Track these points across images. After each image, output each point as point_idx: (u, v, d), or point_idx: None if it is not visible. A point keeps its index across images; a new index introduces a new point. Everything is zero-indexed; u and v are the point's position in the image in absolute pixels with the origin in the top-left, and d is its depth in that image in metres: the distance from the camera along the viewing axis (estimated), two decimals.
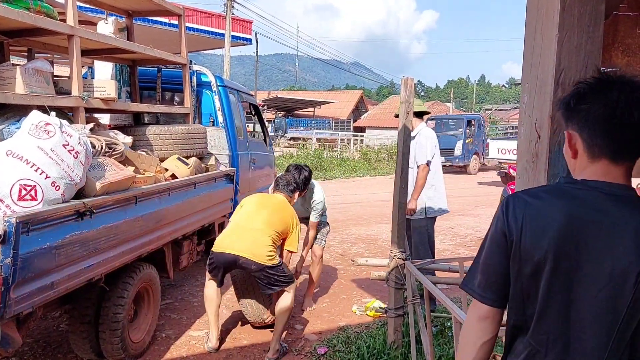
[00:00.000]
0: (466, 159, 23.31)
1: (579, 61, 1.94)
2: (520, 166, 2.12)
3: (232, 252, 4.03)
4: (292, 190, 4.57)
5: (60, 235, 2.79)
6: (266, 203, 4.39)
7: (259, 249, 4.01)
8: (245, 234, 4.10)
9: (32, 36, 3.98)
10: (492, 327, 1.48)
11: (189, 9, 15.08)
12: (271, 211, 4.27)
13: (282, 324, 4.10)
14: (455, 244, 8.53)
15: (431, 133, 5.12)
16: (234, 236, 4.13)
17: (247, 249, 4.01)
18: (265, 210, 4.26)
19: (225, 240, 4.13)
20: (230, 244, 4.07)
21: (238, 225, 4.21)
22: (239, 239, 4.08)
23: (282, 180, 4.61)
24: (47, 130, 2.85)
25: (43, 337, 4.27)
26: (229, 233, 4.20)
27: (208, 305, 4.21)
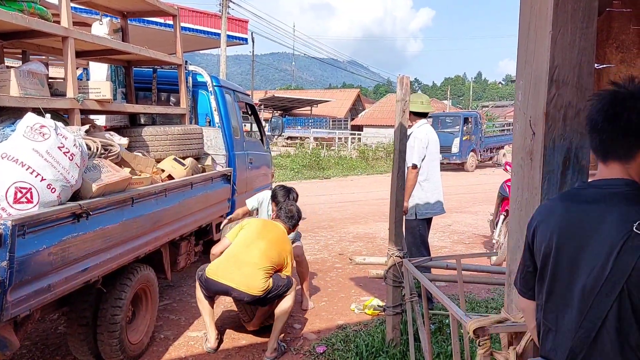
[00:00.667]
0: (463, 156, 23.34)
1: (573, 58, 1.94)
2: (516, 163, 2.12)
3: (226, 283, 4.01)
4: (293, 225, 4.56)
5: (57, 238, 2.79)
6: (267, 234, 4.27)
7: (253, 282, 3.98)
8: (241, 267, 4.04)
9: (26, 38, 3.98)
10: (531, 317, 1.69)
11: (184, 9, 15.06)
12: (270, 243, 4.20)
13: (281, 324, 4.10)
14: (453, 241, 8.54)
15: (423, 133, 5.02)
16: (230, 266, 4.07)
17: (241, 281, 3.98)
18: (264, 242, 4.18)
19: (221, 268, 4.09)
20: (225, 274, 4.03)
21: (235, 256, 4.13)
22: (234, 270, 4.03)
23: (285, 211, 4.52)
24: (42, 133, 2.84)
25: (41, 340, 4.26)
26: (225, 262, 4.12)
27: (202, 307, 4.23)
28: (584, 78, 1.95)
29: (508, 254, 2.17)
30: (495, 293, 5.64)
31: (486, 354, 2.02)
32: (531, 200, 2.01)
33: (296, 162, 21.19)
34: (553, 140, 1.94)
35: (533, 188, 2.01)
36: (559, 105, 1.93)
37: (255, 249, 4.13)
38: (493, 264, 6.59)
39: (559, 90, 1.93)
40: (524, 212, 2.03)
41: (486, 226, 8.95)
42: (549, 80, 1.93)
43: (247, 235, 4.25)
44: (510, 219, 2.17)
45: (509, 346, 2.03)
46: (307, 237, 8.50)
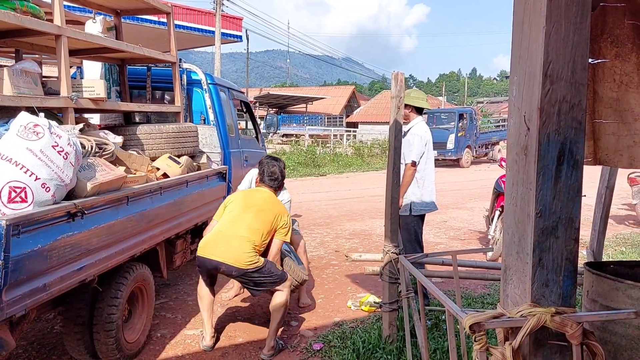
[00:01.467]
0: (459, 152, 23.39)
1: (567, 53, 1.94)
2: (510, 159, 2.12)
3: (213, 258, 3.98)
4: (278, 187, 4.44)
5: (52, 237, 2.78)
6: (251, 203, 4.22)
7: (239, 255, 3.94)
8: (228, 241, 4.00)
9: (19, 37, 3.96)
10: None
11: (178, 7, 15.01)
12: (256, 212, 4.13)
13: (277, 322, 4.09)
14: (449, 238, 8.55)
15: (422, 131, 5.03)
16: (216, 242, 4.03)
17: (228, 255, 3.95)
18: (249, 214, 4.13)
19: (209, 245, 4.05)
20: (212, 250, 4.00)
21: (221, 232, 4.09)
22: (220, 245, 4.00)
23: (267, 173, 4.37)
24: (35, 132, 2.83)
25: (37, 339, 4.25)
26: (212, 239, 4.09)
27: (201, 303, 4.21)
28: (578, 73, 1.95)
29: (503, 249, 2.17)
30: (491, 288, 5.66)
31: (482, 349, 2.02)
32: (526, 196, 2.01)
33: (292, 160, 21.18)
34: (547, 136, 1.95)
35: (528, 183, 2.01)
36: (553, 100, 1.94)
37: (241, 222, 4.08)
38: (489, 259, 6.61)
39: (553, 85, 1.93)
40: (519, 207, 2.03)
41: (482, 222, 8.97)
42: (543, 75, 1.93)
43: (232, 210, 4.19)
44: (505, 214, 2.17)
45: (505, 341, 2.03)
46: (304, 235, 8.48)
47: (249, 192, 4.50)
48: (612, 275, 2.36)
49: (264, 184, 4.39)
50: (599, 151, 2.72)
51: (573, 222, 1.93)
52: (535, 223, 1.91)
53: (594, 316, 2.05)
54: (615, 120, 2.65)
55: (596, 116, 2.66)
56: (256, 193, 4.37)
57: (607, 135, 2.69)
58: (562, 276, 1.93)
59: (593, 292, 2.39)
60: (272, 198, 4.33)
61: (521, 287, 1.98)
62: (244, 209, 4.17)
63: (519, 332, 1.97)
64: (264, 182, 4.39)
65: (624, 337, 2.19)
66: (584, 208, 2.05)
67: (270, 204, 4.24)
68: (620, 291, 2.22)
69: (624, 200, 11.81)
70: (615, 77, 2.57)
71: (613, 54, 2.54)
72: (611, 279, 2.28)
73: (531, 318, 1.87)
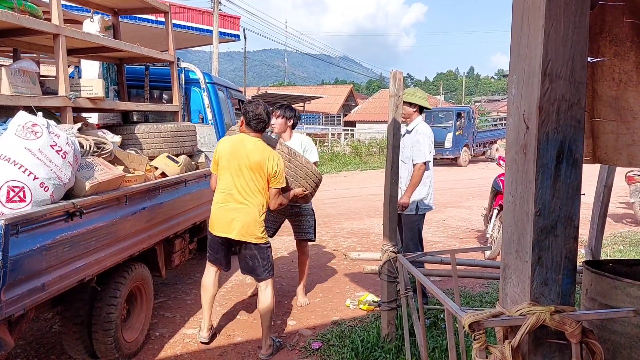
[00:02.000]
0: (456, 151, 23.40)
1: (566, 51, 1.94)
2: (510, 157, 2.12)
3: (224, 235, 4.01)
4: (263, 129, 4.11)
5: (50, 237, 2.77)
6: (242, 162, 3.96)
7: (248, 229, 3.95)
8: (232, 214, 3.96)
9: (17, 36, 3.95)
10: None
11: (176, 6, 14.99)
12: (250, 171, 3.95)
13: (267, 321, 4.06)
14: (447, 236, 8.56)
15: (429, 130, 5.03)
16: (222, 217, 4.00)
17: (237, 230, 3.96)
18: (242, 176, 3.96)
19: (216, 222, 4.03)
20: (221, 227, 4.00)
21: (222, 206, 4.00)
22: (227, 219, 3.97)
23: (253, 117, 4.00)
24: (34, 131, 2.83)
25: (36, 339, 4.24)
26: (217, 213, 4.03)
27: (205, 294, 4.19)
28: (577, 72, 1.96)
29: (502, 248, 2.17)
30: (490, 287, 5.67)
31: (482, 348, 2.03)
32: (525, 194, 2.01)
33: None
34: (547, 134, 1.95)
35: (527, 182, 2.01)
36: (553, 99, 1.94)
37: (238, 191, 3.97)
38: (487, 258, 6.62)
39: (552, 84, 1.94)
40: (518, 206, 2.04)
41: (480, 221, 8.98)
42: (542, 74, 1.93)
43: (226, 181, 4.01)
44: (504, 212, 2.17)
45: (505, 340, 2.03)
46: None
47: (234, 146, 4.03)
48: (611, 273, 2.36)
49: (250, 128, 4.04)
50: (598, 150, 2.72)
51: (572, 221, 1.94)
52: (535, 222, 1.92)
53: (593, 314, 2.06)
54: (615, 118, 2.66)
55: (595, 115, 2.67)
56: (242, 148, 4.00)
57: (606, 134, 2.70)
58: (562, 275, 1.93)
59: (592, 290, 2.39)
60: (257, 147, 4.01)
61: (520, 286, 1.99)
62: (237, 173, 3.97)
63: (519, 331, 1.97)
64: (250, 127, 4.04)
65: (623, 336, 2.20)
66: (582, 207, 2.05)
67: (258, 155, 3.96)
68: (619, 290, 2.22)
69: (622, 199, 11.83)
70: (614, 75, 2.58)
71: (612, 53, 2.55)
72: (610, 277, 2.28)
73: (530, 317, 1.87)
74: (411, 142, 4.95)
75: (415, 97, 5.00)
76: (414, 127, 5.01)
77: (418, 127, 5.00)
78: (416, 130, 4.98)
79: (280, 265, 6.56)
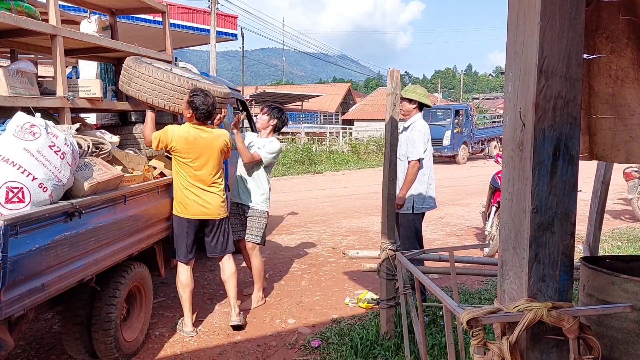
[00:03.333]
0: (455, 149, 23.42)
1: (562, 48, 1.95)
2: (506, 154, 2.13)
3: (197, 217, 4.31)
4: (208, 118, 4.30)
5: (49, 237, 2.78)
6: (204, 154, 4.22)
7: (218, 208, 4.37)
8: (205, 198, 4.29)
9: (15, 37, 3.94)
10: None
11: (173, 6, 14.97)
12: (212, 161, 4.27)
13: (234, 287, 4.57)
14: (445, 234, 8.58)
15: (425, 127, 5.00)
16: (195, 202, 4.27)
17: (210, 211, 4.32)
18: (206, 168, 4.25)
19: (189, 207, 4.27)
20: (194, 210, 4.28)
21: (194, 193, 4.25)
22: (200, 203, 4.27)
23: (203, 111, 4.15)
24: (32, 132, 2.83)
25: (36, 339, 4.25)
26: (189, 200, 4.26)
27: (184, 292, 4.38)
28: (573, 69, 1.97)
29: (500, 245, 2.18)
30: (488, 284, 5.68)
31: (480, 344, 2.04)
32: (522, 191, 2.02)
33: (288, 157, 21.17)
34: (543, 131, 1.96)
35: (524, 179, 2.02)
36: (549, 96, 1.95)
37: (207, 178, 4.28)
38: (486, 255, 6.64)
39: (548, 81, 1.95)
40: (515, 203, 2.05)
41: (478, 218, 9.01)
42: (538, 71, 1.94)
43: (188, 170, 4.20)
44: (501, 210, 2.18)
45: (502, 336, 2.04)
46: (300, 232, 8.52)
47: (193, 140, 4.18)
48: (608, 269, 2.37)
49: (200, 121, 4.22)
50: (595, 146, 2.73)
51: (569, 217, 1.95)
52: (531, 218, 1.93)
53: (590, 310, 2.07)
54: (612, 115, 2.66)
55: (592, 112, 2.68)
56: (200, 139, 4.20)
57: (604, 131, 2.70)
58: (559, 271, 1.94)
59: (589, 286, 2.41)
60: (213, 137, 4.28)
61: (518, 283, 2.00)
62: (203, 164, 4.24)
63: (516, 327, 1.98)
64: (200, 120, 4.21)
65: (620, 331, 2.21)
66: (580, 203, 2.06)
67: (215, 144, 4.28)
68: (616, 285, 2.23)
69: (620, 195, 11.86)
70: (610, 72, 2.58)
71: (608, 49, 2.55)
72: (607, 273, 2.29)
73: (528, 313, 1.88)
74: (407, 139, 4.93)
75: (415, 94, 4.99)
76: (410, 124, 5.00)
77: (414, 125, 4.98)
78: (412, 127, 4.97)
79: (279, 264, 6.57)
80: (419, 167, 4.87)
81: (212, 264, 6.39)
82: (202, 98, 4.14)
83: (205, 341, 4.27)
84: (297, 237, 8.16)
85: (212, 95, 4.24)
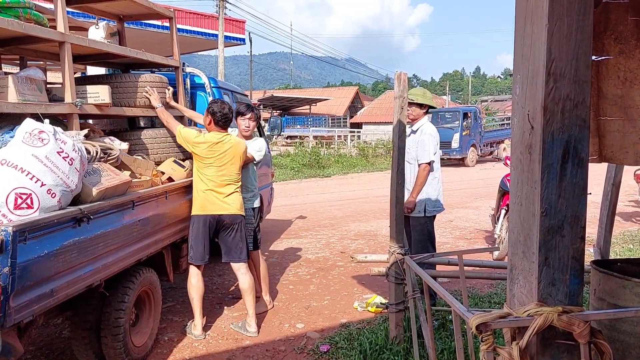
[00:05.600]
0: (464, 152, 23.33)
1: (570, 51, 1.94)
2: (515, 157, 2.12)
3: (216, 213, 4.42)
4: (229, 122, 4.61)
5: (58, 243, 2.79)
6: (228, 160, 4.45)
7: (236, 205, 4.52)
8: (223, 198, 4.45)
9: (23, 44, 3.97)
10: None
11: (181, 11, 15.06)
12: (234, 164, 4.50)
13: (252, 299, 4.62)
14: (454, 237, 8.53)
15: (434, 130, 5.01)
16: (214, 201, 4.41)
17: (229, 208, 4.46)
18: (224, 169, 4.44)
19: (207, 205, 4.41)
20: (212, 207, 4.41)
21: (213, 192, 4.42)
22: (217, 202, 4.42)
23: (221, 116, 4.47)
24: (41, 138, 2.84)
25: (46, 345, 4.27)
26: (208, 199, 4.42)
27: (196, 294, 4.44)
28: (582, 71, 1.95)
29: (509, 248, 2.16)
30: (498, 288, 5.64)
31: (489, 349, 2.02)
32: (531, 194, 2.00)
33: (296, 161, 21.19)
34: (552, 134, 1.94)
35: (533, 182, 2.00)
36: (557, 98, 1.93)
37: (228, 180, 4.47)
38: (495, 258, 6.59)
39: (556, 83, 1.93)
40: (524, 206, 2.03)
41: (488, 221, 8.95)
42: (546, 73, 1.92)
43: (211, 174, 4.40)
44: (510, 213, 2.16)
45: (512, 341, 2.02)
46: (309, 236, 8.51)
47: (220, 149, 4.45)
48: (619, 273, 2.35)
49: (219, 127, 4.51)
50: (604, 149, 2.71)
51: (579, 221, 1.93)
52: (541, 222, 1.91)
53: (601, 314, 2.04)
54: (621, 117, 2.64)
55: (601, 113, 2.66)
56: (222, 145, 4.45)
57: (613, 133, 2.68)
58: (569, 275, 1.92)
59: (600, 290, 2.38)
60: (234, 145, 4.52)
61: (527, 287, 1.98)
62: (223, 167, 4.45)
63: (526, 332, 1.97)
64: (219, 125, 4.50)
65: (632, 335, 2.18)
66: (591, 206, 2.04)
67: (237, 152, 4.52)
68: (628, 289, 2.21)
69: (631, 197, 11.76)
70: (619, 74, 2.57)
71: (617, 51, 2.54)
72: (618, 277, 2.27)
73: (538, 317, 1.87)
74: (416, 142, 4.93)
75: (425, 98, 5.00)
76: (419, 127, 4.99)
77: (423, 128, 4.98)
78: (421, 130, 4.97)
79: (287, 268, 6.56)
80: (429, 170, 4.86)
81: (221, 268, 6.40)
82: (219, 105, 4.52)
83: (214, 346, 4.27)
84: (305, 241, 8.15)
85: (229, 108, 4.58)
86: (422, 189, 4.86)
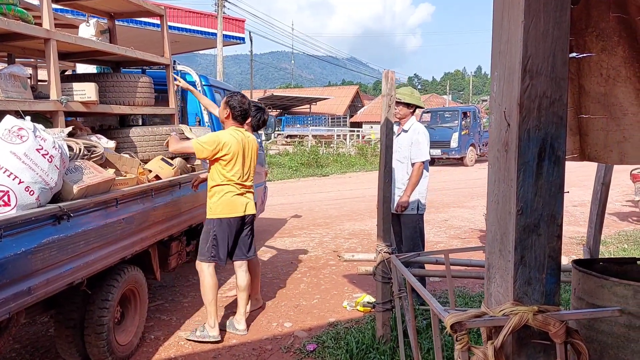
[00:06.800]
0: (462, 151, 23.27)
1: (546, 48, 1.91)
2: (492, 155, 2.09)
3: (242, 214, 4.46)
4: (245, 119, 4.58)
5: (36, 240, 2.76)
6: (248, 157, 4.48)
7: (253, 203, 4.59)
8: (247, 197, 4.51)
9: (9, 41, 3.95)
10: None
11: (179, 10, 15.04)
12: (253, 160, 4.53)
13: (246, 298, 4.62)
14: (449, 236, 8.51)
15: (425, 130, 5.07)
16: (241, 202, 4.43)
17: (249, 208, 4.50)
18: (247, 167, 4.47)
19: (236, 207, 4.41)
20: (240, 209, 4.44)
21: (238, 193, 4.41)
22: (243, 202, 4.45)
23: (241, 113, 4.45)
24: (20, 135, 2.82)
25: (31, 342, 4.25)
26: (236, 201, 4.41)
27: (213, 293, 4.32)
28: (558, 68, 1.92)
29: (487, 247, 2.14)
30: None
31: (464, 348, 2.00)
32: (507, 193, 1.98)
33: (295, 160, 21.15)
34: (528, 132, 1.92)
35: (509, 180, 1.98)
36: (533, 95, 1.91)
37: (248, 178, 4.52)
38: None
39: (532, 80, 1.91)
40: (500, 204, 2.00)
41: (483, 220, 8.92)
42: (522, 70, 1.90)
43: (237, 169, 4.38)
44: (487, 212, 2.14)
45: (488, 340, 2.00)
46: (302, 235, 8.49)
47: (243, 145, 4.42)
48: (601, 272, 2.32)
49: (237, 122, 4.47)
50: (587, 147, 2.68)
51: (555, 219, 1.90)
52: (517, 220, 1.89)
53: (576, 314, 2.02)
54: (604, 115, 2.61)
55: (583, 111, 2.62)
56: (247, 143, 4.47)
57: (596, 131, 2.65)
58: (545, 274, 1.90)
59: (580, 289, 2.35)
60: (252, 140, 4.56)
61: (504, 286, 1.96)
62: (247, 165, 4.48)
63: (501, 331, 1.94)
64: (237, 120, 4.46)
65: (610, 335, 2.16)
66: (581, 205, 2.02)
67: (254, 145, 4.58)
68: (606, 289, 2.18)
69: (628, 197, 11.72)
70: (602, 71, 2.53)
71: (599, 48, 2.50)
72: (597, 276, 2.24)
73: (513, 317, 1.84)
74: (410, 141, 4.94)
75: (413, 98, 5.01)
76: (410, 126, 4.99)
77: (415, 127, 5.00)
78: (414, 129, 4.97)
79: (279, 267, 6.54)
80: (423, 168, 4.89)
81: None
82: (238, 98, 4.45)
83: (200, 344, 4.24)
84: (298, 240, 8.13)
85: (248, 103, 4.54)
86: (415, 187, 4.87)
